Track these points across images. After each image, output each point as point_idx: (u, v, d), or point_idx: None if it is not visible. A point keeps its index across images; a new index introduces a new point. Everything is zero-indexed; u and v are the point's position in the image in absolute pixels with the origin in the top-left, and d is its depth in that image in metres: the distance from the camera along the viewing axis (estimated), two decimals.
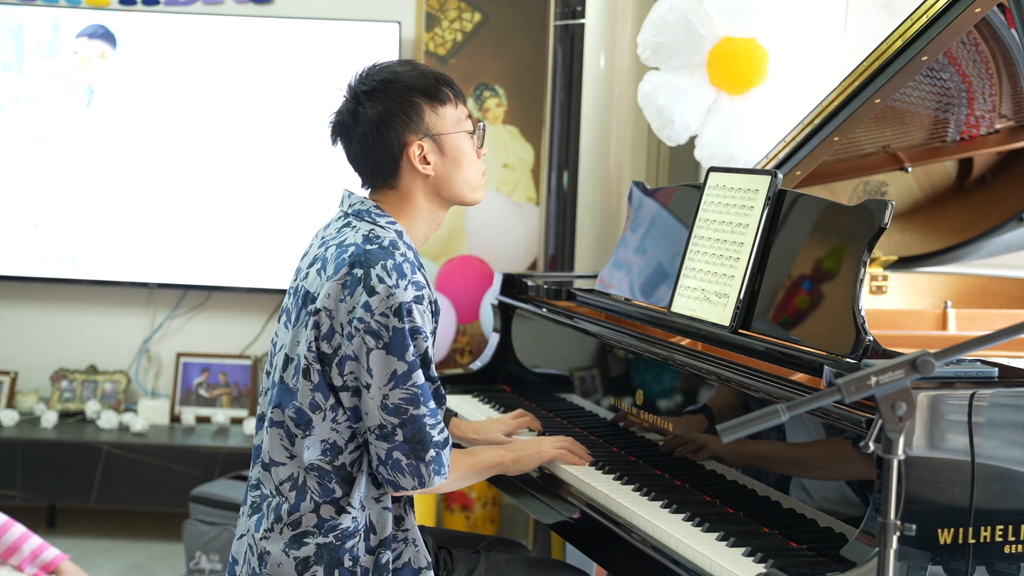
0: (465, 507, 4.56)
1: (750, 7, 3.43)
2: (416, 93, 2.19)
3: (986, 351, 2.02)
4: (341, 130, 2.23)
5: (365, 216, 2.19)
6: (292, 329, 2.17)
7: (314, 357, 2.10)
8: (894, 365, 1.55)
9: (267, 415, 2.19)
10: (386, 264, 2.08)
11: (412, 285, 2.09)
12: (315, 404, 2.11)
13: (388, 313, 2.06)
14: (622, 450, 2.52)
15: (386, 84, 2.19)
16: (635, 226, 2.79)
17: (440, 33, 4.85)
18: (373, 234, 2.14)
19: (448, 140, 2.22)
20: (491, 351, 3.11)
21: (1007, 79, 2.80)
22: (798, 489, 2.02)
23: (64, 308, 5.02)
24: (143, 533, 4.72)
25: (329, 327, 2.09)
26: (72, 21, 4.78)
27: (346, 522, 2.12)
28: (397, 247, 2.13)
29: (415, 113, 2.19)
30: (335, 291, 2.09)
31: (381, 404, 2.07)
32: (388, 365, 2.06)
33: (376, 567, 2.14)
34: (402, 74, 2.20)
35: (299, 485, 2.13)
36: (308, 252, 2.26)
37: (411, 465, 2.10)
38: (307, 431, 2.12)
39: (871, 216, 2.11)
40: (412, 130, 2.19)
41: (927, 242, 3.30)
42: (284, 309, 2.24)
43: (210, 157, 4.77)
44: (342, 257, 2.11)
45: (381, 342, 2.06)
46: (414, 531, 2.21)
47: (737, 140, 3.50)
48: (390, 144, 2.18)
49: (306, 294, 2.16)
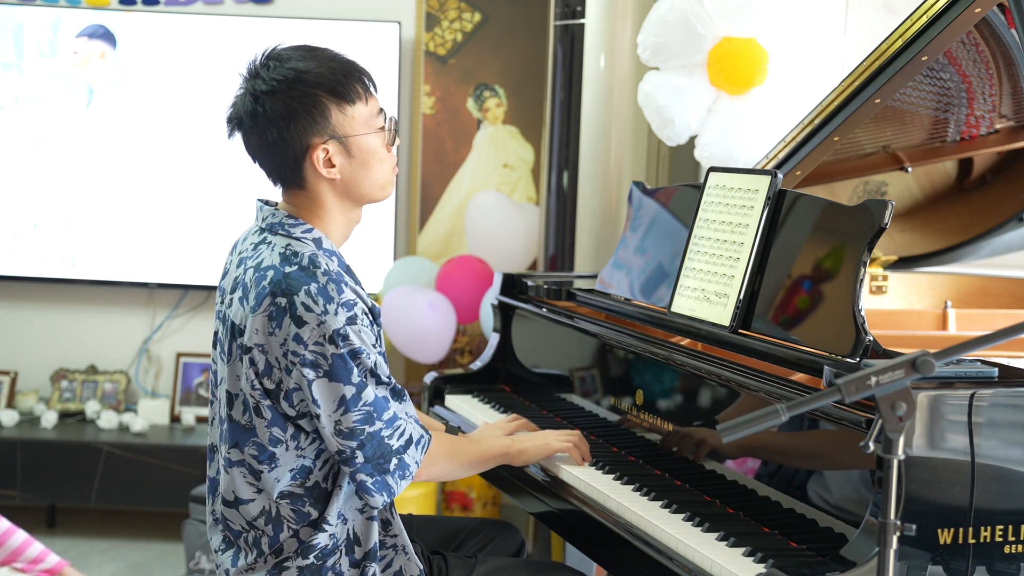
0: (465, 507, 4.57)
1: (750, 7, 3.43)
2: (322, 92, 2.03)
3: (986, 351, 2.02)
4: (237, 124, 2.09)
5: (279, 229, 2.07)
6: (228, 364, 2.07)
7: (260, 394, 2.02)
8: (894, 365, 1.55)
9: (222, 452, 2.10)
10: (309, 289, 1.96)
11: (342, 308, 1.97)
12: (275, 439, 2.04)
13: (322, 342, 1.96)
14: (622, 450, 2.52)
15: (289, 83, 2.02)
16: (635, 226, 2.79)
17: (440, 33, 4.85)
18: (290, 250, 2.02)
19: (356, 142, 2.07)
20: (491, 351, 3.10)
21: (1007, 79, 2.80)
22: (798, 489, 2.02)
23: (64, 308, 5.02)
24: (143, 533, 4.72)
25: (265, 363, 1.99)
26: (72, 21, 4.78)
27: (323, 540, 2.06)
28: (317, 265, 2.00)
29: (320, 114, 2.03)
30: (262, 325, 1.98)
31: (335, 431, 2.00)
32: (334, 392, 1.98)
33: None
34: (307, 72, 2.03)
35: (273, 517, 2.07)
36: (228, 271, 2.14)
37: (377, 482, 2.03)
38: (273, 464, 2.05)
39: (871, 216, 2.11)
40: (316, 132, 2.04)
41: (927, 242, 3.30)
42: (216, 336, 2.14)
43: (210, 157, 4.77)
44: (262, 285, 1.99)
45: (321, 371, 1.97)
46: (403, 536, 2.15)
47: (737, 140, 3.50)
48: (291, 145, 2.04)
49: (233, 326, 2.05)
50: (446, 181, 4.89)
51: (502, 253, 4.59)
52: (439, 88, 4.85)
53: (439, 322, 4.43)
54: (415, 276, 4.60)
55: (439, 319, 4.43)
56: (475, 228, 4.65)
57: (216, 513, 2.16)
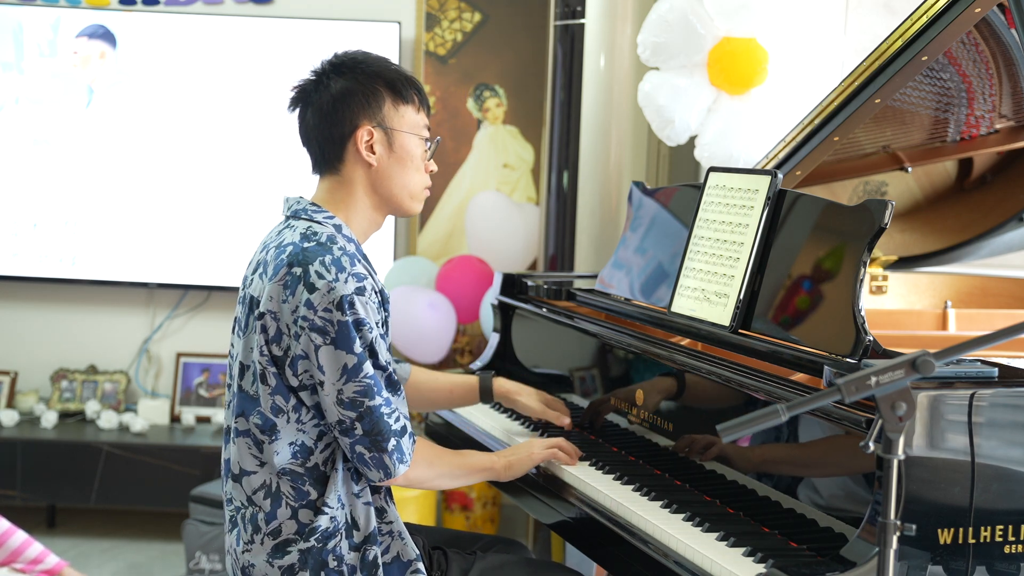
0: (465, 507, 4.56)
1: (750, 7, 3.43)
2: (381, 81, 2.19)
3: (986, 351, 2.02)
4: (302, 97, 2.23)
5: (302, 215, 2.18)
6: (244, 336, 2.15)
7: (267, 361, 2.09)
8: (894, 365, 1.55)
9: (232, 426, 2.17)
10: (324, 259, 2.06)
11: (352, 277, 2.06)
12: (277, 408, 2.10)
13: (331, 308, 2.04)
14: (622, 450, 2.52)
15: (356, 63, 2.19)
16: (635, 226, 2.79)
17: (440, 33, 4.85)
18: (310, 231, 2.13)
19: (399, 138, 2.20)
20: (491, 351, 3.10)
21: (1007, 79, 2.80)
22: (798, 489, 2.02)
23: (64, 308, 5.02)
24: (143, 533, 4.72)
25: (276, 329, 2.08)
26: (72, 21, 4.78)
27: (324, 523, 2.10)
28: (335, 241, 2.11)
29: (375, 100, 2.18)
30: (276, 292, 2.07)
31: (337, 399, 2.07)
32: (338, 360, 2.05)
33: (363, 564, 2.13)
34: (375, 61, 2.21)
35: (273, 492, 2.12)
36: (252, 259, 2.23)
37: (374, 457, 2.09)
38: (273, 435, 2.10)
39: (871, 216, 2.11)
40: (367, 115, 2.17)
41: (927, 242, 3.30)
42: (235, 319, 2.22)
43: (210, 157, 4.77)
44: (280, 258, 2.10)
45: (328, 338, 2.05)
46: (398, 523, 2.19)
47: (737, 140, 3.50)
48: (342, 122, 2.17)
49: (251, 299, 2.14)
50: (446, 181, 4.89)
51: (502, 253, 4.59)
52: (439, 88, 4.85)
53: (439, 322, 4.43)
54: (415, 276, 4.60)
55: (439, 319, 4.43)
56: (475, 228, 4.65)
57: (228, 493, 2.22)
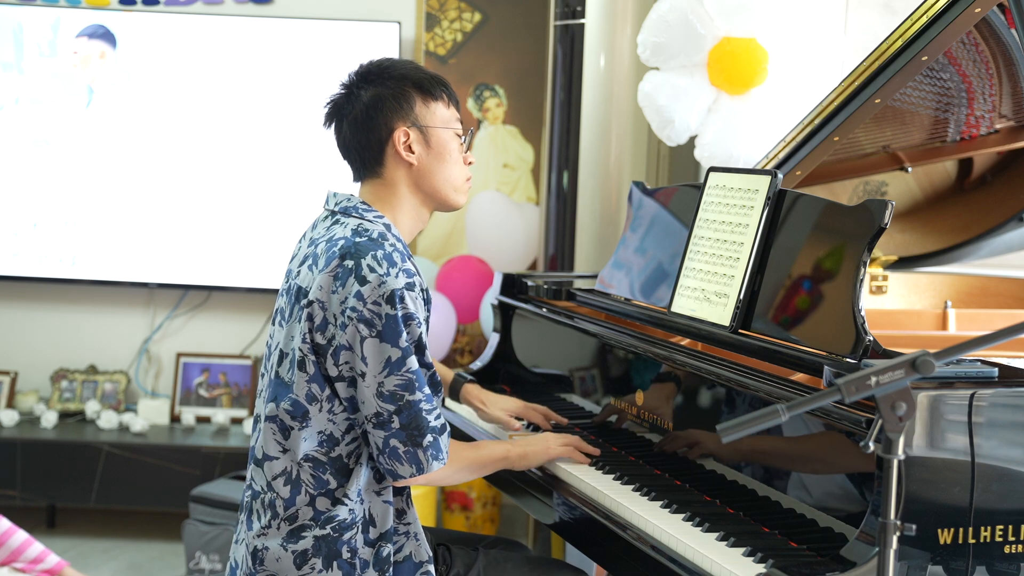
0: (465, 507, 4.56)
1: (750, 7, 3.42)
2: (409, 83, 2.25)
3: (986, 351, 2.02)
4: (335, 111, 2.27)
5: (352, 212, 2.22)
6: (286, 326, 2.18)
7: (309, 348, 2.11)
8: (894, 365, 1.55)
9: (263, 413, 2.19)
10: (376, 254, 2.10)
11: (403, 273, 2.10)
12: (311, 395, 2.12)
13: (380, 301, 2.07)
14: (622, 450, 2.53)
15: (382, 70, 2.25)
16: (635, 226, 2.79)
17: (440, 33, 4.85)
18: (362, 228, 2.17)
19: (434, 133, 2.26)
20: (491, 351, 3.10)
21: (1007, 79, 2.80)
22: (798, 489, 2.02)
23: (64, 308, 5.02)
24: (143, 533, 4.72)
25: (322, 318, 2.11)
26: (72, 21, 4.78)
27: (342, 514, 2.13)
28: (386, 238, 2.16)
29: (405, 101, 2.24)
30: (327, 283, 2.11)
31: (376, 392, 2.08)
32: (382, 352, 2.07)
33: (377, 560, 2.15)
34: (400, 65, 2.28)
35: (293, 479, 2.14)
36: (296, 254, 2.28)
37: (408, 452, 2.10)
38: (304, 423, 2.13)
39: (871, 216, 2.11)
40: (401, 117, 2.23)
41: (927, 242, 3.30)
42: (277, 310, 2.25)
43: (210, 157, 4.77)
44: (332, 250, 2.14)
45: (374, 330, 2.07)
46: (416, 525, 2.22)
47: (737, 140, 3.50)
48: (378, 128, 2.23)
49: (299, 290, 2.17)
50: None
51: (502, 253, 4.59)
52: None
53: (439, 322, 4.43)
54: None
55: (439, 319, 4.43)
56: (475, 228, 4.65)
57: (248, 478, 2.24)
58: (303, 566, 2.11)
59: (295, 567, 2.12)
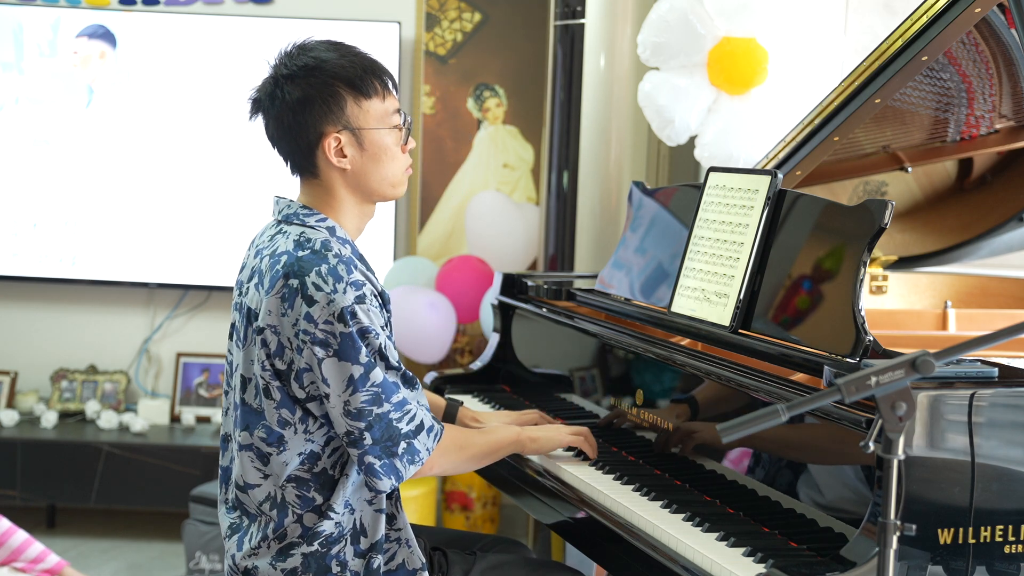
0: (465, 507, 4.56)
1: (750, 7, 3.42)
2: (340, 83, 2.09)
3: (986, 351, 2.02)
4: (257, 107, 2.17)
5: (294, 219, 2.14)
6: (243, 348, 2.11)
7: (270, 375, 2.05)
8: (894, 365, 1.55)
9: (234, 437, 2.15)
10: (320, 270, 2.01)
11: (351, 286, 2.01)
12: (283, 420, 2.07)
13: (332, 320, 2.00)
14: (622, 450, 2.53)
15: (308, 70, 2.09)
16: (635, 226, 2.79)
17: (440, 33, 4.85)
18: (304, 237, 2.08)
19: (369, 135, 2.12)
20: (491, 351, 3.10)
21: (1007, 79, 2.80)
22: (799, 488, 2.02)
23: (64, 308, 5.02)
24: (143, 533, 4.72)
25: (277, 343, 2.04)
26: (72, 21, 4.78)
27: (328, 528, 2.08)
28: (330, 248, 2.05)
29: (336, 104, 2.09)
30: (275, 306, 2.03)
31: (343, 411, 2.02)
32: (343, 371, 2.01)
33: (368, 572, 2.11)
34: (327, 61, 2.10)
35: (279, 503, 2.10)
36: (245, 264, 2.19)
37: (385, 465, 2.04)
38: (281, 447, 2.07)
39: (871, 216, 2.11)
40: (331, 121, 2.10)
41: (927, 242, 3.30)
42: (233, 326, 2.18)
43: (210, 157, 4.77)
44: (276, 268, 2.05)
45: (331, 350, 2.00)
46: (407, 530, 2.17)
47: (737, 140, 3.50)
48: (306, 132, 2.11)
49: (249, 311, 2.10)
50: (446, 181, 4.89)
51: (502, 253, 4.59)
52: (439, 88, 4.85)
53: (439, 322, 4.43)
54: (415, 276, 4.60)
55: (439, 319, 4.43)
56: (475, 228, 4.65)
57: (230, 501, 2.19)
58: None
59: None
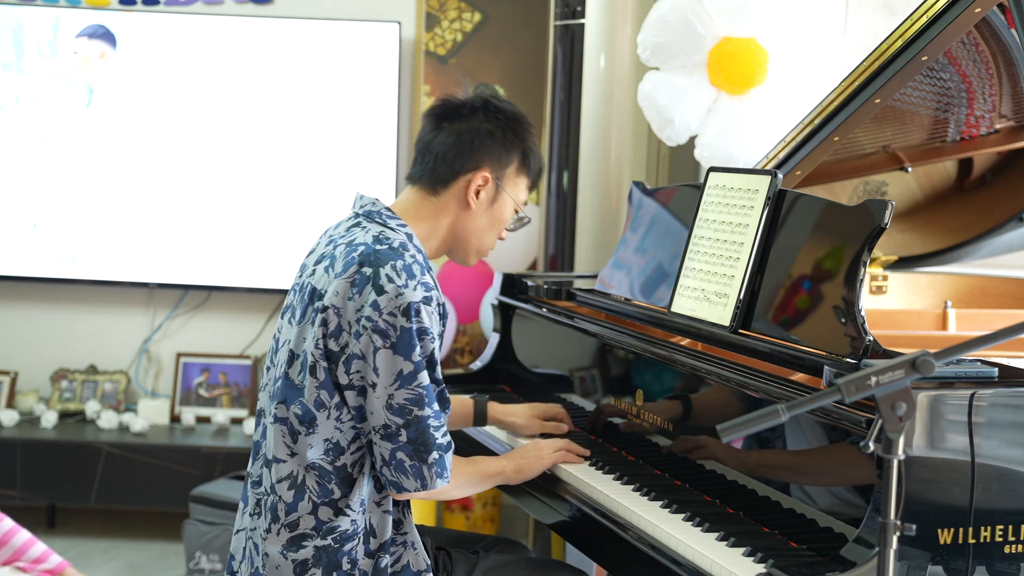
0: (465, 507, 4.57)
1: (750, 7, 3.42)
2: (520, 147, 2.28)
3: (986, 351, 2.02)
4: (447, 113, 2.26)
5: (376, 217, 2.20)
6: (297, 325, 2.16)
7: (321, 354, 2.10)
8: (894, 365, 1.55)
9: (269, 410, 2.18)
10: (396, 264, 2.08)
11: (421, 286, 2.08)
12: (320, 402, 2.11)
13: (396, 312, 2.05)
14: (622, 450, 2.53)
15: (513, 118, 2.27)
16: (635, 226, 2.79)
17: (440, 33, 4.85)
18: (383, 235, 2.15)
19: (503, 199, 2.28)
20: (491, 351, 3.10)
21: (1007, 79, 2.80)
22: (798, 489, 2.02)
23: (64, 308, 5.02)
24: (143, 533, 4.72)
25: (336, 325, 2.09)
26: (72, 21, 4.78)
27: (344, 524, 2.11)
28: (407, 248, 2.14)
29: (507, 157, 2.26)
30: (343, 289, 2.09)
31: (386, 403, 2.07)
32: (394, 365, 2.06)
33: (375, 571, 2.14)
34: (526, 128, 2.30)
35: (298, 484, 2.12)
36: (315, 250, 2.25)
37: (414, 467, 2.09)
38: (311, 429, 2.11)
39: (871, 216, 2.11)
40: (493, 165, 2.25)
41: (927, 242, 3.30)
42: (288, 306, 2.24)
43: (210, 157, 4.77)
44: (351, 256, 2.11)
45: (388, 341, 2.06)
46: (413, 534, 2.21)
47: (737, 140, 3.50)
48: (471, 156, 2.23)
49: (313, 291, 2.15)
50: None
51: (502, 253, 4.58)
52: (439, 88, 4.85)
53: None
54: None
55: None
56: None
57: (255, 475, 2.22)
58: (303, 575, 2.11)
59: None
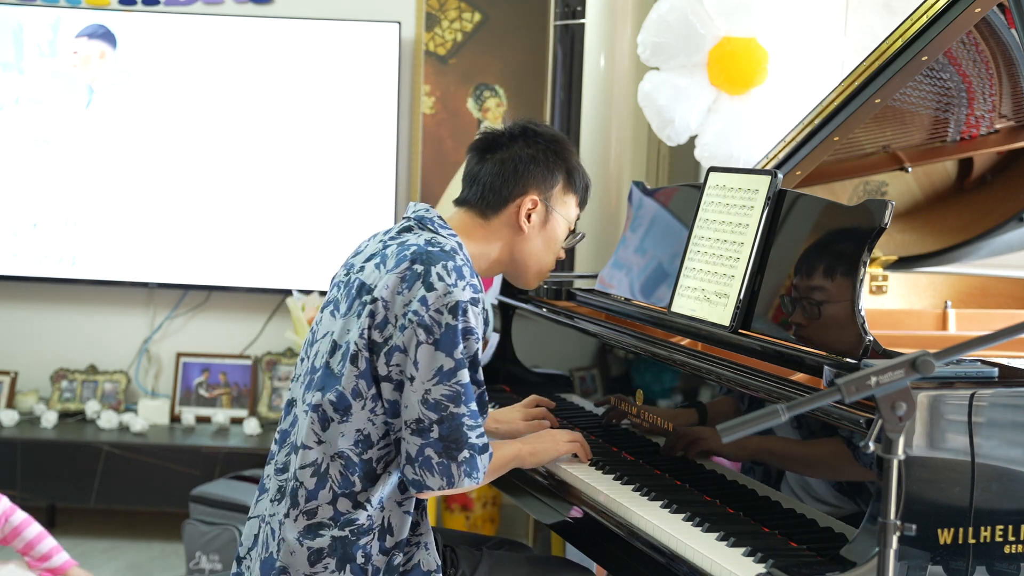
0: (465, 507, 4.56)
1: (750, 7, 3.43)
2: (563, 167, 2.34)
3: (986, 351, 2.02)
4: (488, 144, 2.35)
5: (428, 224, 2.25)
6: (342, 318, 2.19)
7: (364, 344, 2.13)
8: (894, 365, 1.55)
9: (302, 398, 2.21)
10: (447, 264, 2.13)
11: (470, 287, 2.13)
12: (357, 391, 2.13)
13: (443, 310, 2.09)
14: (622, 450, 2.53)
15: (553, 141, 2.35)
16: (635, 226, 2.79)
17: (440, 33, 4.85)
18: (435, 240, 2.20)
19: (554, 218, 2.34)
20: (491, 351, 3.10)
21: (1007, 79, 2.80)
22: (799, 489, 2.02)
23: (64, 308, 5.01)
24: (143, 533, 4.72)
25: (383, 317, 2.12)
26: (72, 21, 4.78)
27: (361, 518, 2.13)
28: (457, 253, 2.19)
29: (552, 178, 2.33)
30: (393, 283, 2.13)
31: (422, 398, 2.09)
32: (435, 360, 2.09)
33: (388, 568, 2.16)
34: (567, 148, 2.37)
35: (321, 472, 2.14)
36: (362, 250, 2.29)
37: (441, 464, 2.10)
38: (345, 417, 2.13)
39: (871, 216, 2.11)
40: (540, 187, 2.32)
41: (927, 242, 3.30)
42: (330, 300, 2.27)
43: (210, 157, 4.77)
44: (403, 253, 2.16)
45: (432, 337, 2.09)
46: (428, 535, 2.22)
47: (737, 140, 3.50)
48: (518, 183, 2.30)
49: (362, 285, 2.18)
50: (446, 181, 4.88)
51: None
52: (439, 88, 4.85)
53: None
54: None
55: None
56: None
57: (280, 462, 2.25)
58: (316, 564, 2.12)
59: (308, 563, 2.13)
